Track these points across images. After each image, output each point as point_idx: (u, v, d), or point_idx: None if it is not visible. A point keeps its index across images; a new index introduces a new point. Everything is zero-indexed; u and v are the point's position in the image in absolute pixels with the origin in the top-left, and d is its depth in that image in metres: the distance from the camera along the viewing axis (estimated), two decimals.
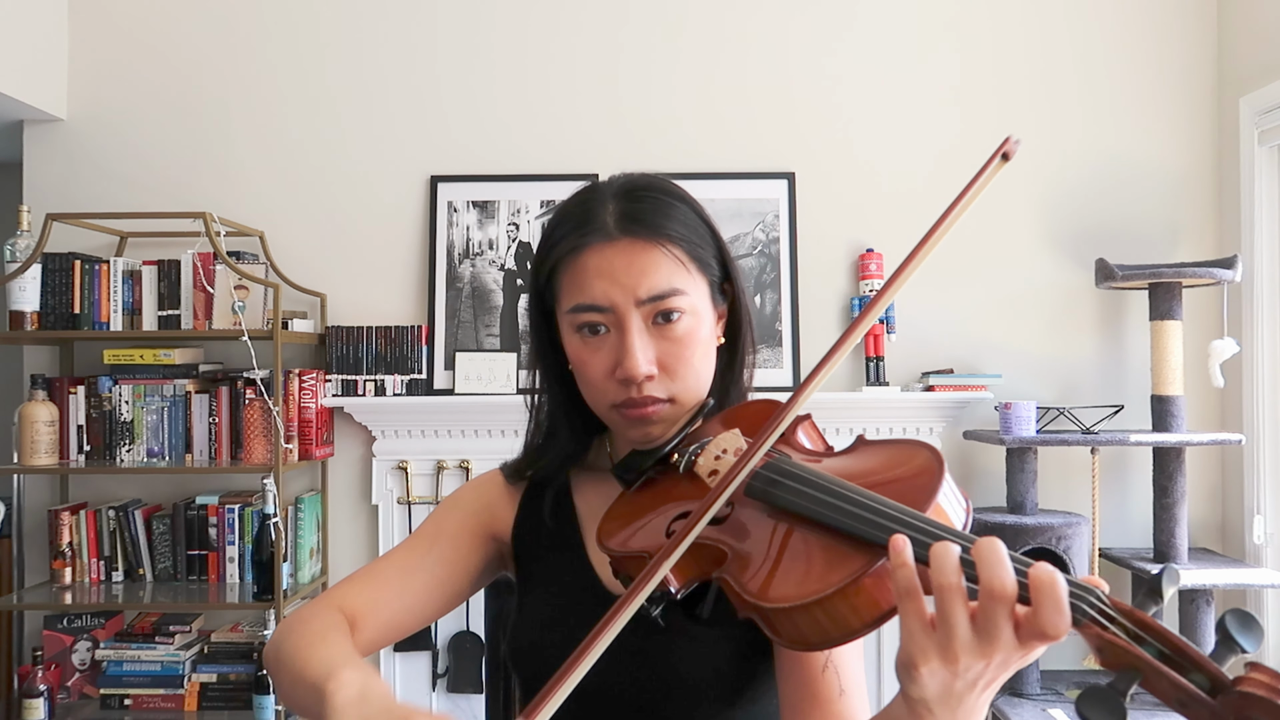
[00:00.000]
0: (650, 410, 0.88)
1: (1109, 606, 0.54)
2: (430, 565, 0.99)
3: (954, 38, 2.97)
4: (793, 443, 0.83)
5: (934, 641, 0.58)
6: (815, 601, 0.63)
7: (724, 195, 2.92)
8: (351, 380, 2.82)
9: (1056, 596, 0.54)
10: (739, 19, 2.98)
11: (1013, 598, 0.55)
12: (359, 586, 0.96)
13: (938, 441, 2.86)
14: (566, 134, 2.97)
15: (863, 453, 0.78)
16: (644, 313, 0.87)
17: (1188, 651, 0.51)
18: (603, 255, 0.87)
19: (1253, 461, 2.76)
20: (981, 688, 0.59)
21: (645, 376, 0.86)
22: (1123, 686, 0.51)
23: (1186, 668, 0.51)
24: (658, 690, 0.87)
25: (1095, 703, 0.51)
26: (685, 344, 0.88)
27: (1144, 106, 2.96)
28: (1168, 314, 2.65)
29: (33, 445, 2.61)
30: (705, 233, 0.92)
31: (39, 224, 2.68)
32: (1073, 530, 2.53)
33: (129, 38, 2.99)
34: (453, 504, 1.05)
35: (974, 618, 0.57)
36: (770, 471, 0.75)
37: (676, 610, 0.75)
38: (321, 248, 2.96)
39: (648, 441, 0.90)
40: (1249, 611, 0.52)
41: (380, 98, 2.98)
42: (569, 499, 1.01)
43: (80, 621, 2.71)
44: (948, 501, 0.67)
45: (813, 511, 0.69)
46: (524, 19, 2.99)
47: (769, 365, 2.86)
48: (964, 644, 0.57)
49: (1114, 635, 0.53)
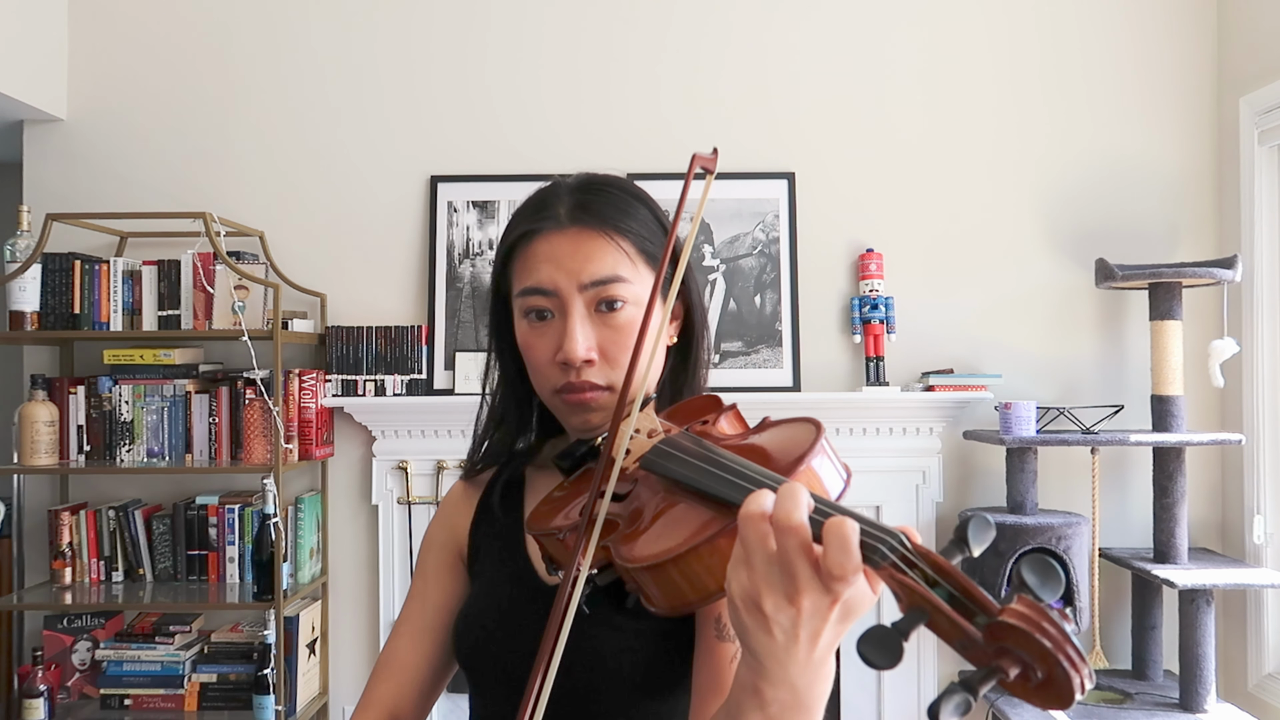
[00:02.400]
0: (588, 396, 0.90)
1: (910, 551, 0.55)
2: (432, 622, 1.04)
3: (954, 38, 2.97)
4: (712, 431, 0.85)
5: (739, 579, 0.60)
6: (671, 559, 0.65)
7: (724, 195, 2.92)
8: (351, 380, 2.82)
9: (844, 536, 0.55)
10: (739, 19, 2.98)
11: (801, 531, 0.56)
12: (382, 681, 1.02)
13: (938, 441, 2.86)
14: (566, 134, 2.97)
15: (761, 431, 0.81)
16: (587, 298, 0.89)
17: (975, 594, 0.51)
18: (552, 242, 0.90)
19: (1253, 461, 2.76)
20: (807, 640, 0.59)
21: (584, 360, 0.88)
22: (905, 626, 0.51)
23: (973, 610, 0.51)
24: (581, 678, 0.89)
25: (874, 641, 0.51)
26: (626, 333, 0.90)
27: (1144, 107, 2.96)
28: (1168, 314, 2.65)
29: (33, 445, 2.61)
30: (658, 230, 0.95)
31: (39, 224, 2.68)
32: (1073, 530, 2.53)
33: (129, 38, 2.99)
34: (426, 546, 1.09)
35: (776, 552, 0.58)
36: (665, 444, 0.78)
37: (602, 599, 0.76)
38: (321, 248, 2.96)
39: (588, 429, 0.92)
40: (1049, 560, 0.51)
41: (380, 98, 2.98)
42: (519, 493, 1.05)
43: (80, 621, 2.71)
44: (822, 468, 0.68)
45: (688, 478, 0.71)
46: (524, 20, 2.99)
47: (769, 365, 2.86)
48: (765, 579, 0.58)
49: (908, 578, 0.53)
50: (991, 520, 0.55)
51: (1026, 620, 0.48)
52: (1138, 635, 2.70)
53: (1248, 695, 2.74)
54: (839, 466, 0.70)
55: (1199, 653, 2.47)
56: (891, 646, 0.50)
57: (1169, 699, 2.54)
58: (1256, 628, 2.74)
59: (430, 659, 1.03)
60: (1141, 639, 2.69)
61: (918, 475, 2.85)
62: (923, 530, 2.84)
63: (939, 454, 2.86)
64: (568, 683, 0.89)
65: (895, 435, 2.84)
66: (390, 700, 1.01)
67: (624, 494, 0.79)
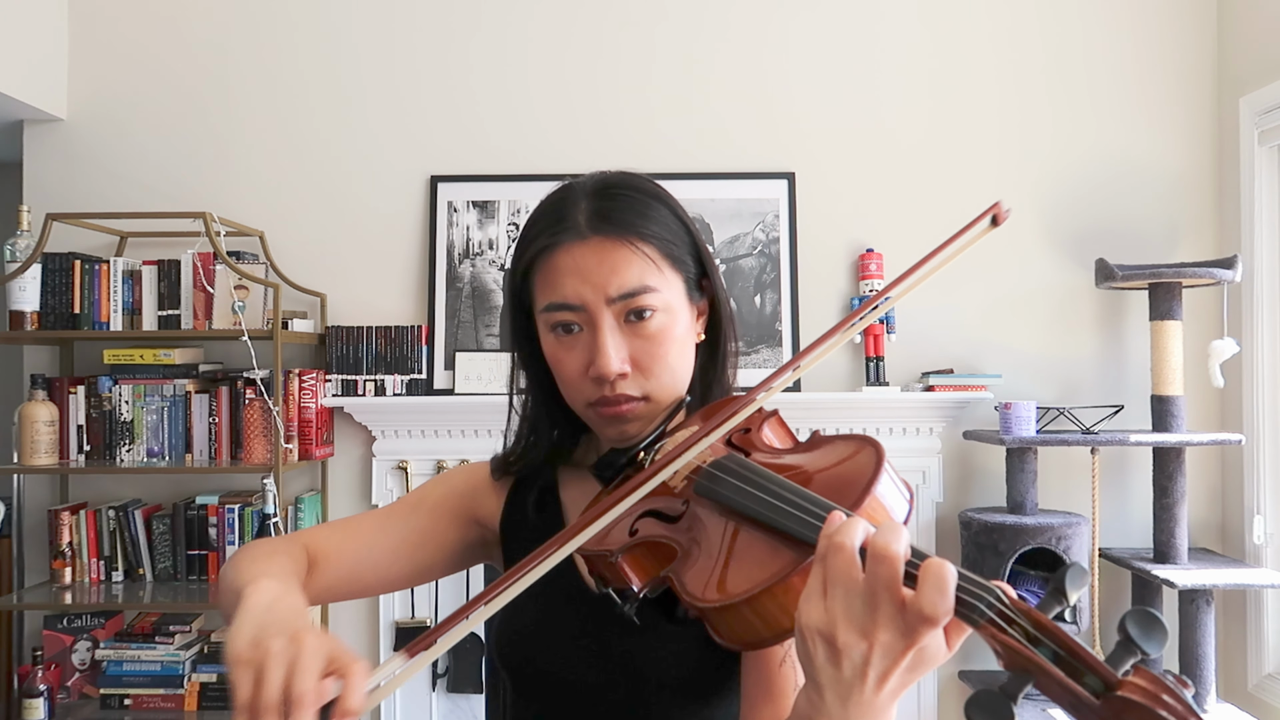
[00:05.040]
0: (624, 409, 0.89)
1: (1008, 607, 0.54)
2: (405, 530, 1.01)
3: (954, 38, 2.97)
4: (756, 440, 0.83)
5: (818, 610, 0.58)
6: (744, 600, 0.64)
7: (724, 195, 2.92)
8: (351, 380, 2.82)
9: (942, 578, 0.54)
10: (739, 18, 2.98)
11: (896, 563, 0.55)
12: (329, 531, 0.99)
13: (938, 441, 2.86)
14: (566, 134, 2.97)
15: (813, 450, 0.78)
16: (615, 311, 0.87)
17: (1081, 655, 0.51)
18: (574, 254, 0.87)
19: (1253, 461, 2.76)
20: (875, 680, 0.57)
21: (618, 374, 0.87)
22: (1014, 689, 0.51)
23: (1081, 671, 0.50)
24: (633, 688, 0.88)
25: (983, 705, 0.51)
26: (658, 341, 0.88)
27: (1144, 107, 2.96)
28: (1168, 314, 2.65)
29: (33, 445, 2.61)
30: (679, 229, 0.92)
31: (39, 224, 2.68)
32: (1073, 530, 2.53)
33: (129, 38, 2.99)
34: (440, 480, 1.07)
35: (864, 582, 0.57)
36: (716, 469, 0.76)
37: (653, 611, 0.75)
38: (321, 248, 2.96)
39: (624, 439, 0.91)
40: (1153, 611, 0.51)
41: (380, 98, 2.98)
42: (555, 495, 1.03)
43: (80, 621, 2.71)
44: (888, 492, 0.67)
45: (751, 510, 0.69)
46: (524, 20, 2.99)
47: (769, 365, 2.86)
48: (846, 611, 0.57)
49: (1009, 637, 0.53)
50: (1085, 569, 0.54)
51: (1149, 696, 0.48)
52: None
53: (1248, 695, 2.74)
54: (901, 489, 0.69)
55: (1199, 653, 2.47)
56: (1002, 712, 0.50)
57: None
58: (1256, 628, 2.74)
59: (382, 551, 0.99)
60: None
61: (918, 475, 2.85)
62: (922, 530, 2.84)
63: (939, 454, 2.86)
64: (615, 695, 0.89)
65: (895, 435, 2.85)
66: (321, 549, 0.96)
67: (676, 515, 0.77)
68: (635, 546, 0.77)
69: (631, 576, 0.75)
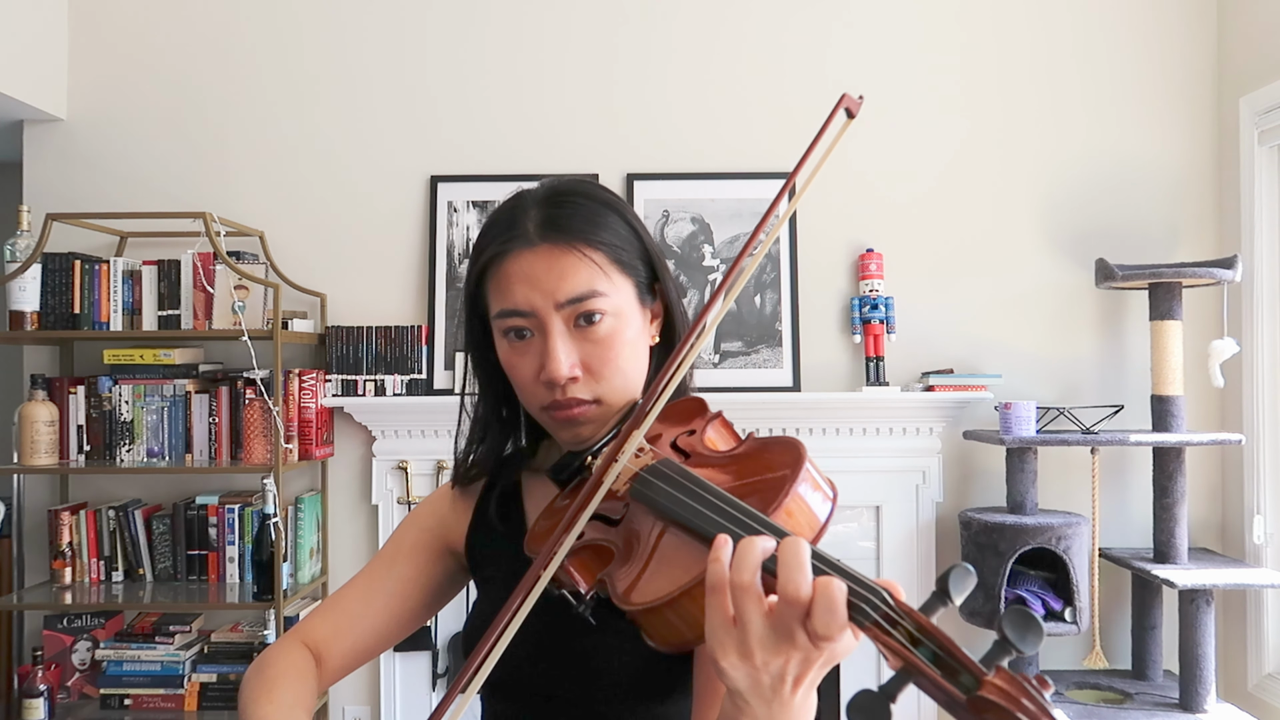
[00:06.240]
0: (576, 412, 0.90)
1: (893, 609, 0.56)
2: (389, 586, 1.04)
3: (954, 38, 2.97)
4: (698, 442, 0.85)
5: (732, 638, 0.62)
6: (665, 603, 0.66)
7: (724, 195, 2.92)
8: (351, 380, 2.82)
9: (831, 597, 0.57)
10: (737, 20, 2.98)
11: (802, 606, 0.59)
12: (321, 618, 1.02)
13: (938, 441, 2.86)
14: (566, 134, 2.97)
15: (745, 452, 0.81)
16: (565, 315, 0.89)
17: (957, 654, 0.53)
18: (524, 261, 0.89)
19: (1253, 461, 2.76)
20: (791, 683, 0.62)
21: (568, 378, 0.88)
22: (893, 689, 0.53)
23: (956, 670, 0.52)
24: (590, 686, 0.90)
25: (862, 706, 0.53)
26: (608, 345, 0.90)
27: (1144, 106, 2.96)
28: (1168, 314, 2.65)
29: (33, 445, 2.61)
30: (629, 235, 0.94)
31: (39, 224, 2.68)
32: (1073, 530, 2.53)
33: (129, 38, 2.99)
34: (410, 523, 1.09)
35: (770, 615, 0.60)
36: (650, 473, 0.78)
37: (607, 611, 0.77)
38: (321, 248, 2.96)
39: (579, 442, 0.92)
40: (1029, 612, 0.52)
41: (380, 98, 2.98)
42: (519, 500, 1.05)
43: (80, 621, 2.71)
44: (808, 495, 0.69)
45: (676, 514, 0.72)
46: (524, 20, 2.99)
47: (769, 365, 2.86)
48: (760, 641, 0.61)
49: (891, 638, 0.55)
50: (971, 569, 0.56)
51: (1006, 697, 0.50)
52: (1137, 635, 2.70)
53: (1248, 695, 2.74)
54: (825, 488, 0.71)
55: (1199, 653, 2.47)
56: (879, 712, 0.52)
57: (1169, 699, 2.54)
58: (1256, 628, 2.74)
59: (374, 616, 1.02)
60: (1141, 639, 2.69)
61: (918, 475, 2.85)
62: (923, 530, 2.84)
63: (939, 454, 2.86)
64: (573, 693, 0.91)
65: (895, 435, 2.84)
66: (320, 639, 1.00)
67: (618, 519, 0.79)
68: (581, 550, 0.79)
69: (579, 579, 0.78)
